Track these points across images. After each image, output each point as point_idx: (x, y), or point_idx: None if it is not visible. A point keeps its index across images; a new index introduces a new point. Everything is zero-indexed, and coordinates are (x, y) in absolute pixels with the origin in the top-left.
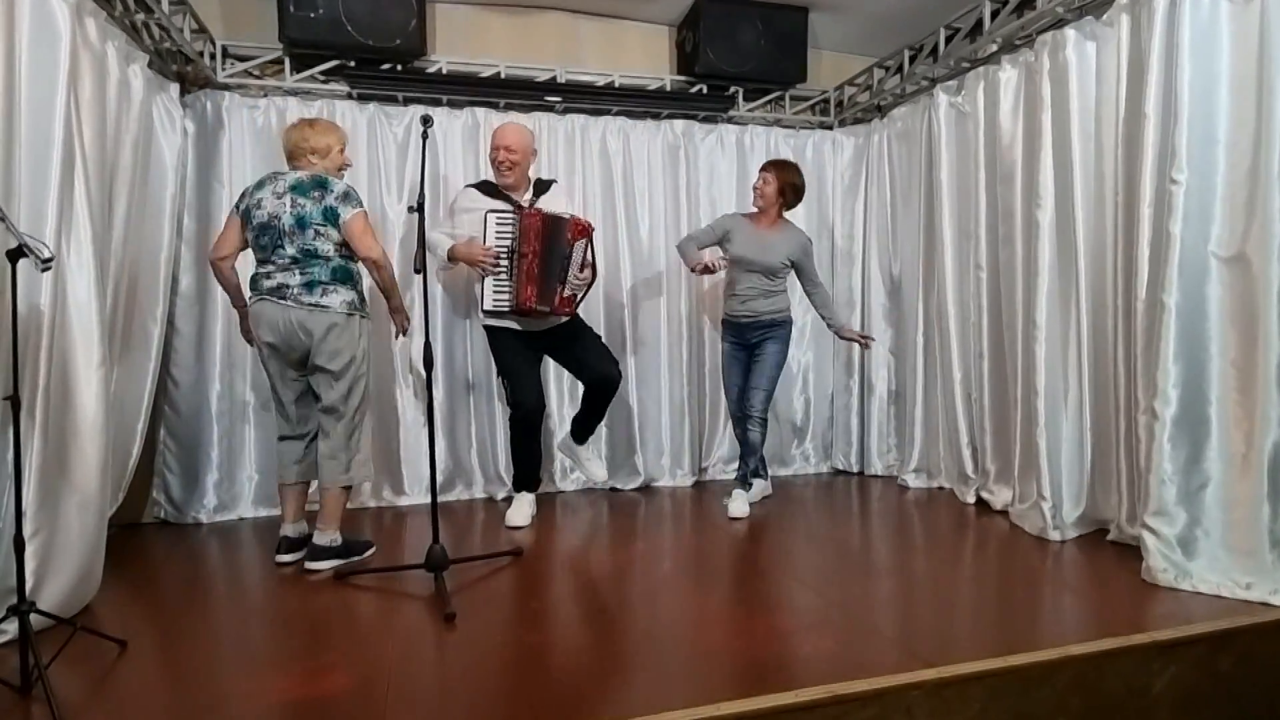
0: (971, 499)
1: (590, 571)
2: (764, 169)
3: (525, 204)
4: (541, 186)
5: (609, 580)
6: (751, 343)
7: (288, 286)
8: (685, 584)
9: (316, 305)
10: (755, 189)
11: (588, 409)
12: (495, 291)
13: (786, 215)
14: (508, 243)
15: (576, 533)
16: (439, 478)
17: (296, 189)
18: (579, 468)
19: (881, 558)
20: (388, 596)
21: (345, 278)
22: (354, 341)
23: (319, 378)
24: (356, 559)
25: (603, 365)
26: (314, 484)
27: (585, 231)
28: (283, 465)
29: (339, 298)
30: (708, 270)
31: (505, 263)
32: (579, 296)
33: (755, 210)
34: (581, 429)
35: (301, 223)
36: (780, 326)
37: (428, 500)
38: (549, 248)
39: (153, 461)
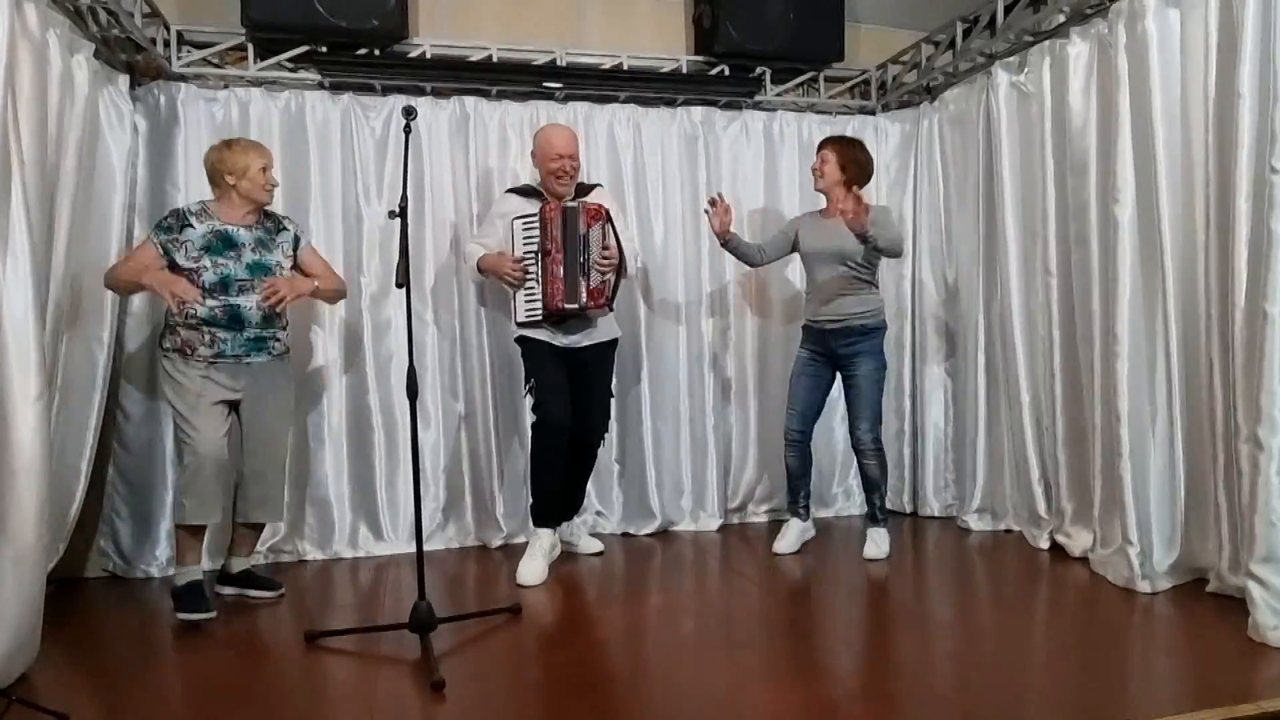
0: (1044, 544)
1: (600, 632)
2: (821, 147)
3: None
4: (584, 190)
5: (621, 642)
6: (838, 354)
7: None
8: (710, 646)
9: None
10: (813, 170)
11: (568, 474)
12: (527, 301)
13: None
14: (535, 246)
15: (584, 586)
16: (425, 522)
17: None
18: (573, 547)
19: (940, 613)
20: (365, 661)
21: (166, 311)
22: (160, 377)
23: None
24: (179, 613)
25: (593, 417)
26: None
27: (598, 214)
28: None
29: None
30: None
31: (534, 270)
32: (610, 284)
33: (825, 205)
34: (567, 502)
35: None
36: (872, 335)
37: (411, 548)
38: (568, 240)
39: (99, 507)
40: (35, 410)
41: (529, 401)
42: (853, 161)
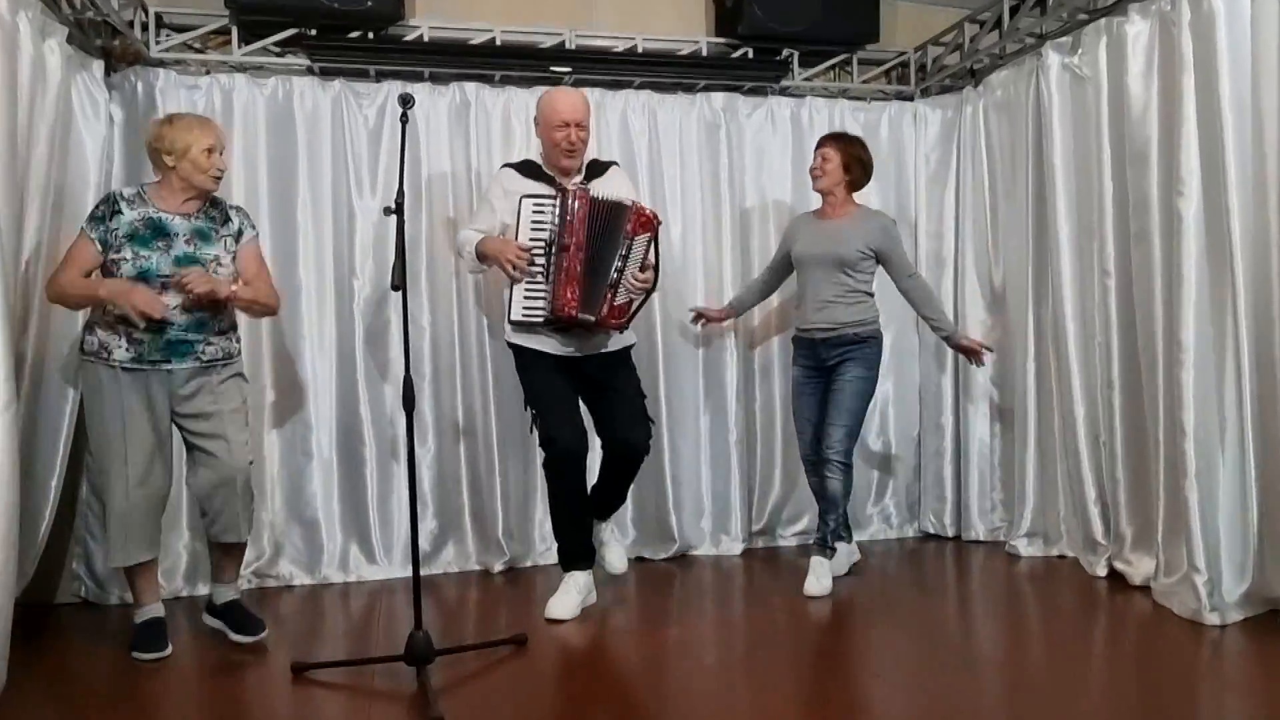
0: (1102, 571)
1: (613, 666)
2: (821, 145)
3: (576, 187)
4: (597, 168)
5: (637, 677)
6: (828, 364)
7: None
8: (736, 683)
9: None
10: (813, 171)
11: (605, 481)
12: (527, 297)
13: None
14: (546, 235)
15: (595, 615)
16: (421, 544)
17: None
18: (598, 550)
19: (987, 648)
20: (358, 697)
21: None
22: (81, 386)
23: None
24: (133, 652)
25: (628, 427)
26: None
27: (649, 224)
28: None
29: None
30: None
31: (541, 262)
32: (635, 305)
33: (820, 205)
34: (601, 503)
35: None
36: (865, 344)
37: (407, 573)
38: (600, 240)
39: (71, 526)
40: (3, 421)
41: (532, 426)
42: (856, 161)
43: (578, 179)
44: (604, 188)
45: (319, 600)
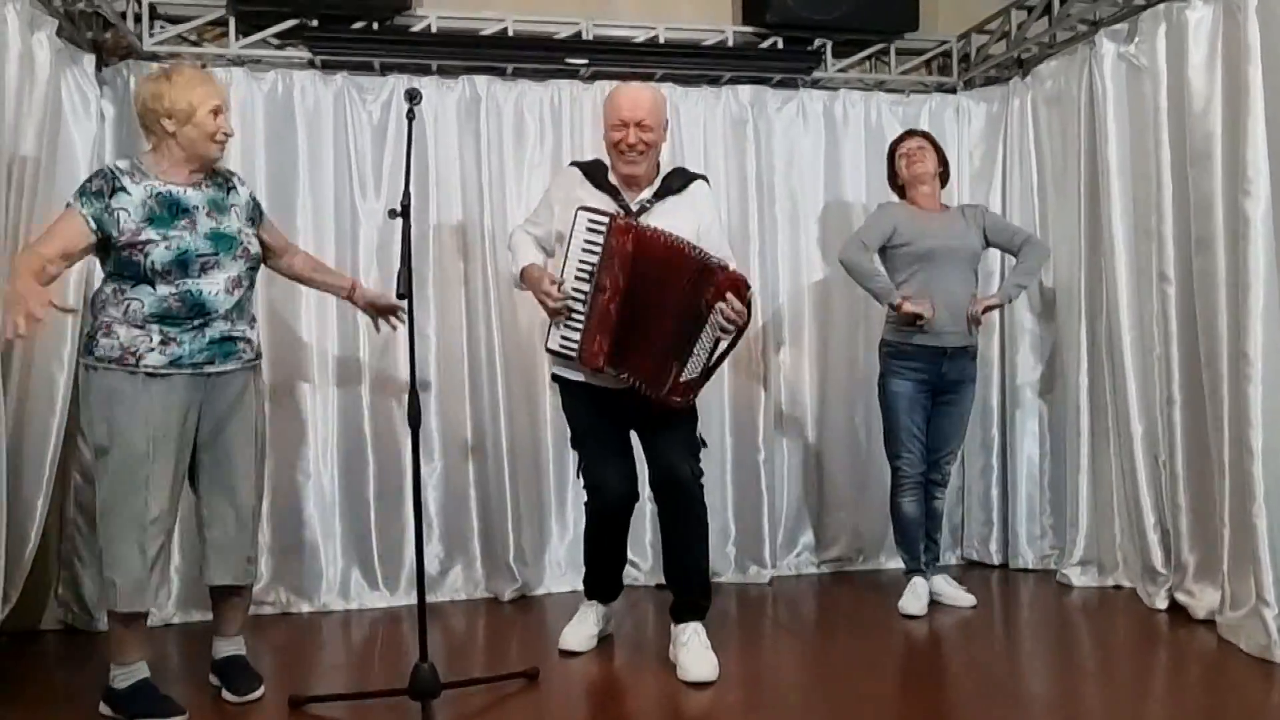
0: (1162, 603)
1: (631, 703)
2: (911, 136)
3: (637, 206)
4: (675, 181)
5: (655, 714)
6: (947, 379)
7: None
8: None
9: None
10: (911, 154)
11: (664, 535)
12: (568, 327)
13: None
14: (595, 260)
15: (612, 647)
16: (427, 570)
17: None
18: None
19: (1036, 687)
20: None
21: (96, 304)
22: (83, 399)
23: None
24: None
25: (670, 451)
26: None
27: (735, 284)
28: None
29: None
30: (917, 316)
31: (587, 289)
32: (697, 382)
33: (913, 198)
34: (672, 578)
35: None
36: (976, 357)
37: (411, 600)
38: (651, 290)
39: (56, 549)
40: None
41: (579, 470)
42: (943, 158)
43: (648, 193)
44: (676, 210)
45: (318, 629)
